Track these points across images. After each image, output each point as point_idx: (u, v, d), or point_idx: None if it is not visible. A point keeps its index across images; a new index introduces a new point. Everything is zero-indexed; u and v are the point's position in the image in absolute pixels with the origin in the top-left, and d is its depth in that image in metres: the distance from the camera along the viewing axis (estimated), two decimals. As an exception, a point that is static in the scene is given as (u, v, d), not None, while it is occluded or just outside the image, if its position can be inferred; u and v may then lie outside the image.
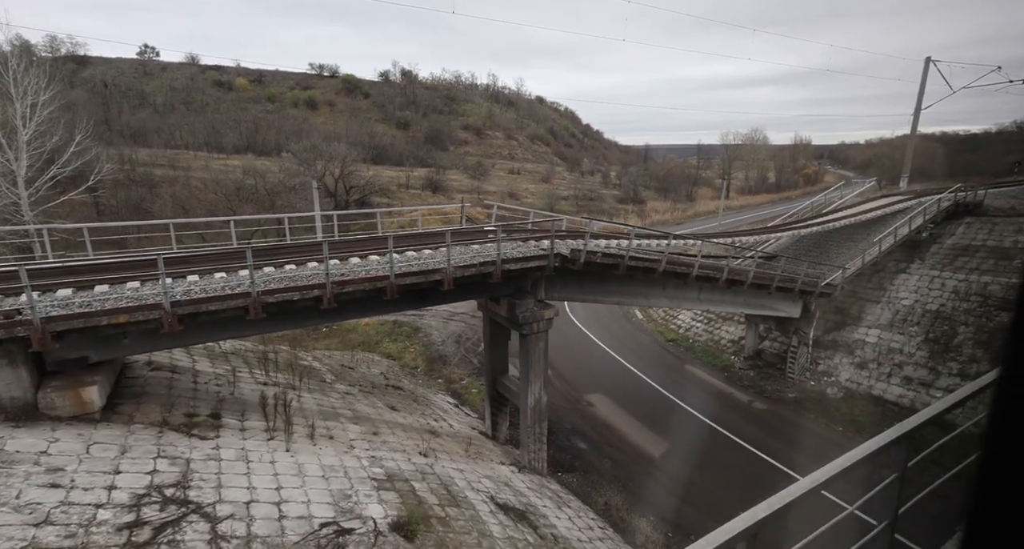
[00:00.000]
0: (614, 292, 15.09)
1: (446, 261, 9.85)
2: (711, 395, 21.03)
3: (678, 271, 14.77)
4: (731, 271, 16.11)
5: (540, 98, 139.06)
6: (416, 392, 16.77)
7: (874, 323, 22.19)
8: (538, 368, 13.35)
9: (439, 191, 63.04)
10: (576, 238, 14.29)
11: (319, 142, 42.56)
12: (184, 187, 31.58)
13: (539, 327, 13.04)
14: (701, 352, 25.39)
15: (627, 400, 20.24)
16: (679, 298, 16.88)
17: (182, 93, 72.37)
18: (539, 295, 13.21)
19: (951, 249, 23.31)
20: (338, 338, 24.22)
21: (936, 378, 19.18)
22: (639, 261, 13.56)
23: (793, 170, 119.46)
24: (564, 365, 23.65)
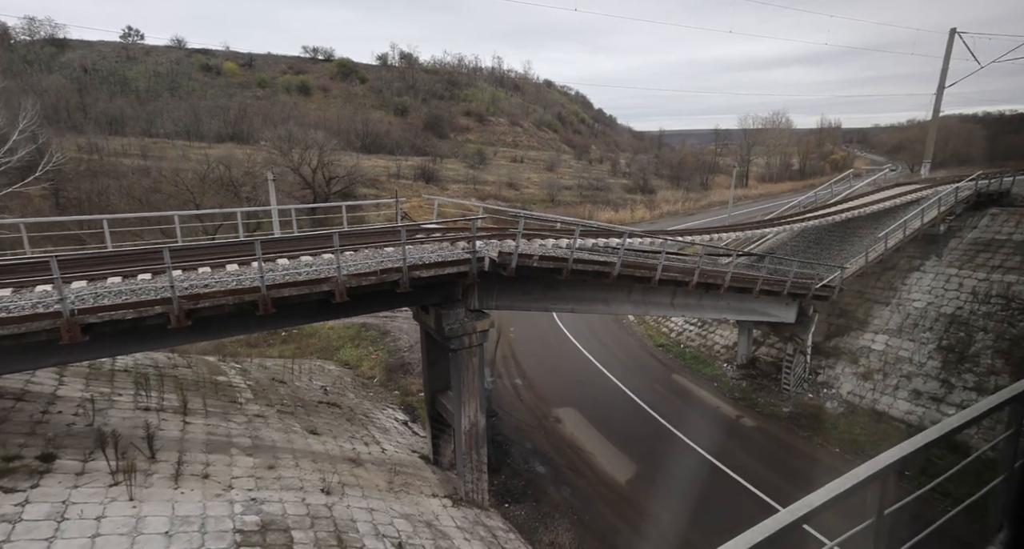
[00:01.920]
0: (567, 298, 13.84)
1: (336, 269, 8.68)
2: (696, 409, 19.70)
3: (638, 275, 13.46)
4: (704, 274, 14.73)
5: (548, 82, 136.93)
6: (357, 409, 15.73)
7: (882, 328, 20.60)
8: (472, 387, 12.18)
9: (432, 181, 61.92)
10: (511, 238, 13.03)
11: (294, 129, 41.54)
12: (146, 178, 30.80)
13: (470, 340, 11.86)
14: (692, 359, 24.00)
15: (600, 415, 19.01)
16: (648, 304, 15.56)
17: (167, 78, 71.61)
18: (471, 303, 12.02)
19: (972, 244, 21.58)
20: (296, 343, 23.32)
21: (949, 392, 17.63)
22: (587, 264, 12.27)
23: (819, 156, 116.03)
24: (536, 373, 22.48)
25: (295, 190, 39.83)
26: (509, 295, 12.80)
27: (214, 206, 27.34)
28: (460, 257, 10.84)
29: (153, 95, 65.70)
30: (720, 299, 17.06)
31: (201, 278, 8.48)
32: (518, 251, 10.92)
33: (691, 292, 16.08)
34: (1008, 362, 17.30)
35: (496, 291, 12.48)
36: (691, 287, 14.50)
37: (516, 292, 12.93)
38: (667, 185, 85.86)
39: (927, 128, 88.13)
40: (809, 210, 22.82)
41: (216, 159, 40.10)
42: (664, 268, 13.90)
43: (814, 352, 21.18)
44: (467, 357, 11.96)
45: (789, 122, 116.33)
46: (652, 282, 13.64)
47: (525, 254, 11.32)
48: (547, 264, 11.66)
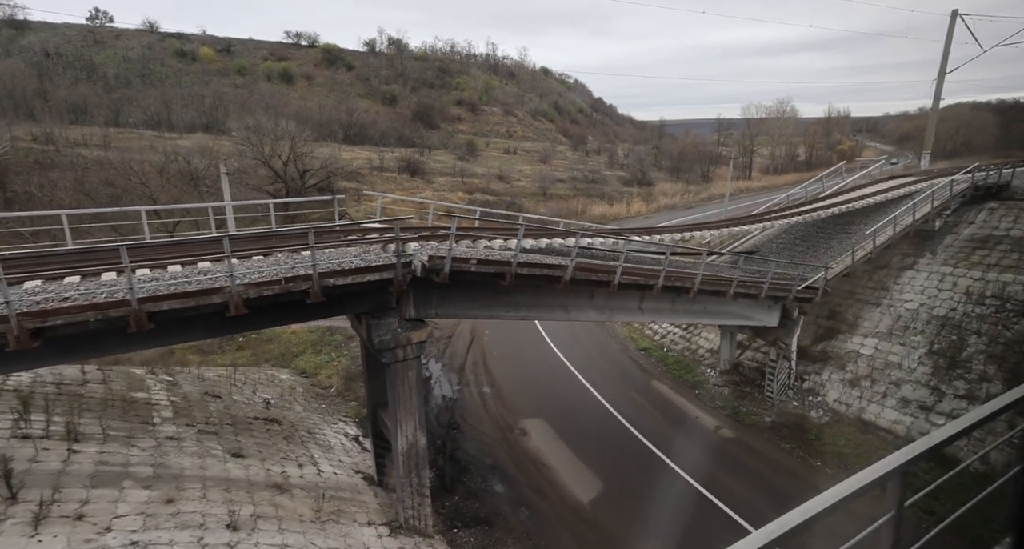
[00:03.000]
0: (519, 305, 13.22)
1: (229, 277, 8.04)
2: (673, 419, 19.12)
3: (594, 279, 12.83)
4: (670, 276, 14.09)
5: (545, 69, 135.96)
6: (301, 424, 15.15)
7: (872, 331, 19.98)
8: (409, 404, 11.59)
9: (418, 175, 61.20)
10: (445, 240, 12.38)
11: (264, 119, 40.78)
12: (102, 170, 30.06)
13: (405, 353, 11.25)
14: (674, 364, 23.40)
15: (570, 427, 18.43)
16: (612, 309, 14.94)
17: (138, 64, 70.18)
18: (407, 312, 11.41)
19: (968, 241, 20.93)
20: (253, 349, 22.74)
21: (938, 400, 17.02)
22: (534, 268, 11.64)
23: (826, 146, 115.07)
24: (507, 380, 21.90)
25: (266, 184, 39.15)
26: (452, 302, 12.18)
27: (171, 201, 26.68)
28: (386, 262, 10.21)
29: (123, 82, 64.42)
30: (694, 302, 16.43)
31: (64, 289, 7.84)
32: (451, 255, 10.29)
33: (660, 296, 15.45)
34: (1001, 368, 16.68)
35: (436, 298, 11.86)
36: (656, 291, 13.87)
37: (460, 298, 12.31)
38: (666, 177, 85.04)
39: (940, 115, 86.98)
40: (794, 206, 22.15)
41: (186, 151, 39.49)
42: (625, 271, 13.27)
43: (801, 357, 20.58)
44: (402, 371, 11.35)
45: (795, 111, 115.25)
46: (611, 287, 13.02)
47: (460, 258, 10.69)
48: (487, 269, 11.03)
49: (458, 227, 14.11)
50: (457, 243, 12.53)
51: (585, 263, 13.26)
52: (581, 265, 12.87)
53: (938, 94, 31.46)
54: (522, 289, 12.98)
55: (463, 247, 12.38)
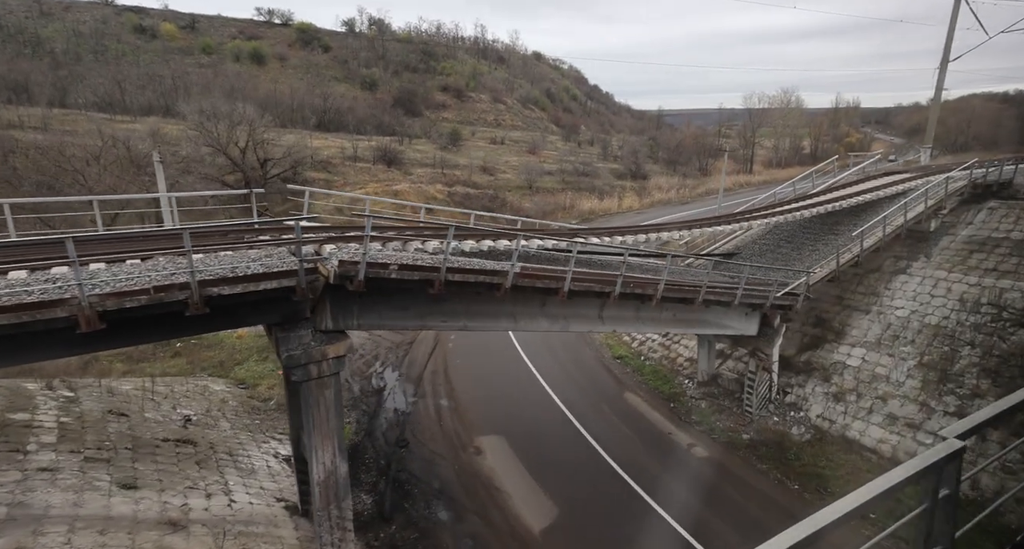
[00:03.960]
0: (458, 313, 12.54)
1: (77, 286, 7.27)
2: (644, 436, 18.53)
3: (540, 286, 12.17)
4: (629, 282, 13.45)
5: (537, 54, 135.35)
6: (223, 445, 14.43)
7: (859, 340, 19.45)
8: (326, 428, 10.90)
9: (395, 165, 60.31)
10: (379, 241, 11.68)
11: (219, 102, 39.79)
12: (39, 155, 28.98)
13: (320, 370, 10.56)
14: (651, 374, 22.82)
15: (530, 445, 17.81)
16: (568, 318, 14.29)
17: (90, 40, 68.43)
18: (323, 323, 10.71)
19: (965, 243, 20.44)
20: (191, 356, 21.97)
21: (927, 417, 16.51)
22: (469, 274, 10.96)
23: (833, 138, 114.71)
24: (467, 391, 21.26)
25: (223, 174, 38.25)
26: (377, 311, 11.49)
27: (108, 191, 25.79)
28: (290, 267, 9.50)
29: (72, 58, 62.73)
30: (661, 310, 15.82)
31: None
32: (366, 259, 9.59)
33: (623, 303, 14.84)
34: (995, 384, 16.17)
35: (358, 307, 11.16)
36: (613, 299, 13.23)
37: (387, 307, 11.62)
38: (663, 170, 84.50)
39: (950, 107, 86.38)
40: (775, 205, 21.57)
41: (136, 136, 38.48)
42: (577, 277, 12.62)
43: (784, 368, 20.04)
44: (317, 390, 10.66)
45: (800, 101, 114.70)
46: (560, 294, 12.37)
47: (379, 263, 9.99)
48: (411, 275, 10.34)
49: (387, 226, 13.44)
50: (384, 245, 11.87)
51: (531, 268, 12.59)
52: (526, 270, 12.20)
53: (940, 84, 30.95)
54: (460, 297, 12.31)
55: (390, 250, 11.69)
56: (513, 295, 12.96)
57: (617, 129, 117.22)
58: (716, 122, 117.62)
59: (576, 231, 15.33)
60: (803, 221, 21.57)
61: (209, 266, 9.27)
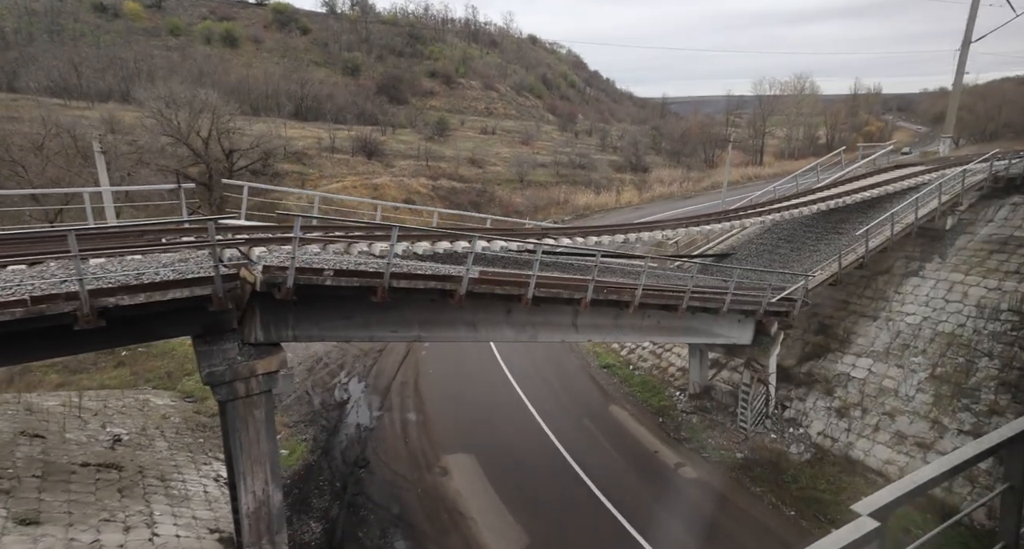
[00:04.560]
0: (410, 322, 11.94)
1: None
2: (628, 455, 17.96)
3: (499, 293, 11.58)
4: (601, 287, 12.87)
5: (533, 37, 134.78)
6: (155, 468, 13.81)
7: (866, 349, 18.91)
8: (255, 453, 10.30)
9: (376, 157, 59.67)
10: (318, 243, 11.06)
11: (178, 87, 39.04)
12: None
13: (248, 388, 9.96)
14: (639, 385, 22.27)
15: (502, 465, 17.24)
16: (536, 326, 13.71)
17: (45, 18, 67.22)
18: (252, 334, 10.11)
19: (984, 243, 19.90)
20: (136, 366, 21.34)
21: (939, 436, 15.97)
22: (417, 280, 10.36)
23: (851, 127, 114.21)
24: (438, 404, 20.70)
25: (185, 166, 37.56)
26: (316, 321, 10.89)
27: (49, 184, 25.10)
28: (207, 273, 8.91)
29: (24, 39, 61.53)
30: (643, 317, 15.25)
31: None
32: (295, 265, 8.98)
33: (600, 310, 14.28)
34: (1015, 399, 15.63)
35: (294, 316, 10.56)
36: (584, 306, 12.65)
37: (329, 315, 11.02)
38: (665, 162, 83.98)
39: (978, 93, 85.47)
40: (776, 201, 21.02)
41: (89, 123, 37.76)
42: (542, 282, 12.03)
43: (783, 379, 19.51)
44: (244, 411, 10.06)
45: (815, 87, 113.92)
46: (523, 301, 11.78)
47: (311, 269, 9.39)
48: (349, 281, 9.73)
49: (329, 226, 12.82)
50: (324, 248, 11.27)
51: (490, 273, 12.01)
52: (485, 275, 11.62)
53: (961, 67, 30.36)
54: (412, 304, 11.71)
55: (330, 253, 11.10)
56: (473, 302, 12.38)
57: (618, 118, 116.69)
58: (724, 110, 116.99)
59: (547, 231, 14.73)
60: (804, 219, 21.03)
61: (110, 272, 8.67)
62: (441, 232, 13.22)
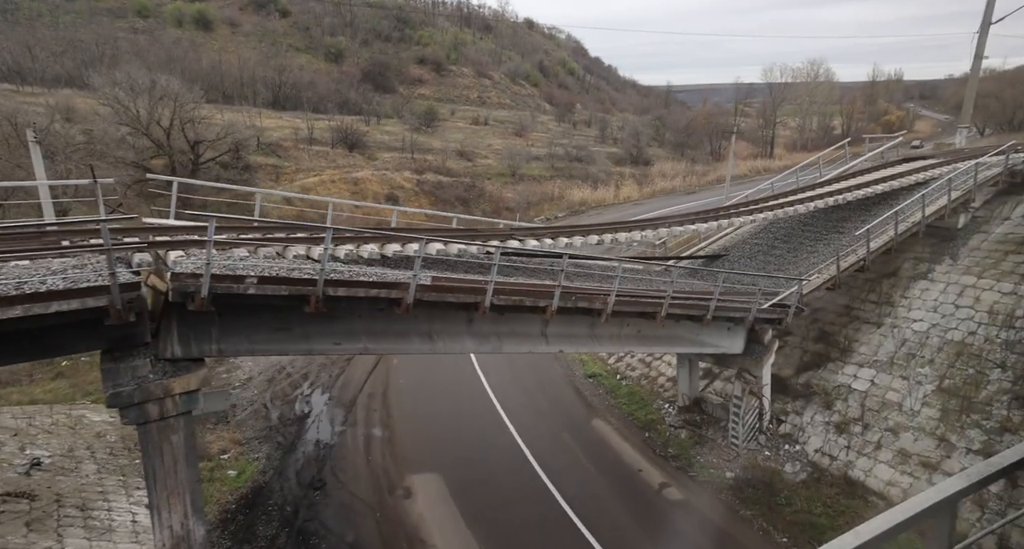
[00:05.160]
0: (355, 333, 11.44)
1: None
2: (609, 474, 17.50)
3: (452, 301, 11.08)
4: (570, 294, 12.38)
5: (530, 21, 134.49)
6: (72, 498, 13.29)
7: (868, 359, 18.44)
8: (173, 482, 9.80)
9: (358, 149, 59.13)
10: (244, 246, 10.53)
11: (136, 73, 38.39)
12: None
13: (163, 410, 9.46)
14: (626, 396, 21.81)
15: (470, 486, 16.76)
16: (501, 337, 13.21)
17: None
18: (167, 349, 9.60)
19: (999, 243, 19.44)
20: (76, 378, 20.84)
21: (946, 455, 15.49)
22: (357, 288, 9.85)
23: (869, 116, 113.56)
24: (406, 418, 20.25)
25: (145, 158, 37.03)
26: (247, 332, 10.38)
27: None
28: (105, 281, 8.39)
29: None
30: (622, 326, 14.78)
31: None
32: (210, 271, 8.48)
33: (572, 318, 13.80)
34: (1029, 414, 15.17)
35: (218, 328, 10.05)
36: (550, 314, 12.16)
37: (261, 327, 10.50)
38: (669, 154, 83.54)
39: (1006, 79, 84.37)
40: (770, 198, 20.50)
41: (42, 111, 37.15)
42: (501, 289, 11.54)
43: (780, 391, 19.06)
44: (159, 436, 9.56)
45: (830, 74, 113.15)
46: (480, 310, 11.29)
47: (229, 275, 8.89)
48: (276, 289, 9.21)
49: (258, 227, 12.30)
50: (255, 251, 10.77)
51: (443, 279, 11.51)
52: (438, 281, 11.12)
53: (980, 50, 29.78)
54: (358, 313, 11.22)
55: (261, 257, 10.60)
56: (428, 311, 11.95)
57: (620, 108, 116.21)
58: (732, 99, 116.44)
59: (514, 232, 14.21)
60: (803, 218, 20.55)
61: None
62: (382, 233, 12.65)
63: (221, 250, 10.13)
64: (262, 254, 10.70)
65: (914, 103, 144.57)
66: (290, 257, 10.85)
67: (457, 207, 55.15)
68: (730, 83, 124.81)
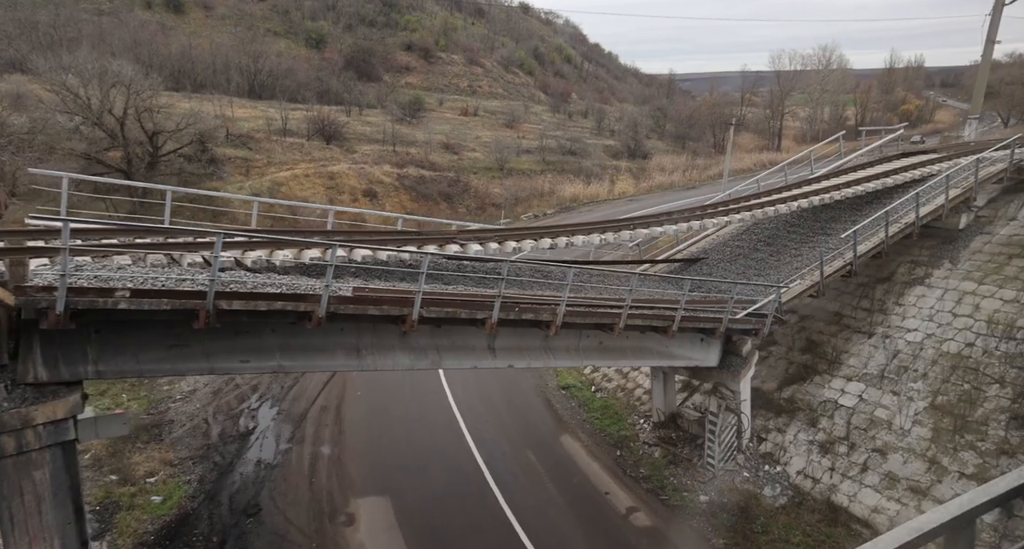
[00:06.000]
0: (268, 349, 10.72)
1: None
2: (574, 496, 16.82)
3: (375, 314, 10.38)
4: (513, 304, 11.68)
5: (525, 5, 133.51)
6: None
7: (858, 372, 17.77)
8: (35, 527, 9.03)
9: (335, 141, 58.40)
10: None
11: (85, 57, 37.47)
12: None
13: (20, 443, 8.70)
14: (600, 410, 21.15)
15: (420, 510, 16.09)
16: (441, 351, 12.52)
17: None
18: (31, 372, 8.88)
19: (1004, 245, 18.77)
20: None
21: (937, 480, 14.82)
22: (258, 300, 9.15)
23: (885, 106, 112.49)
24: (357, 434, 19.64)
25: (99, 150, 36.25)
26: (133, 350, 9.66)
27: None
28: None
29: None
30: (581, 337, 14.12)
31: None
32: (66, 284, 7.78)
33: (523, 330, 13.12)
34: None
35: (96, 346, 9.32)
36: (490, 328, 11.46)
37: (152, 343, 9.78)
38: (669, 147, 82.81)
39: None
40: (750, 197, 19.79)
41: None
42: (432, 300, 10.86)
43: (762, 406, 18.40)
44: (17, 473, 8.81)
45: (844, 61, 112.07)
46: (408, 324, 10.59)
47: (96, 288, 8.20)
48: (156, 304, 8.53)
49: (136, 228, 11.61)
50: (142, 259, 10.07)
51: (367, 289, 10.82)
52: (360, 293, 10.45)
53: (992, 34, 29.02)
54: (270, 326, 10.54)
55: (148, 266, 9.90)
56: (357, 323, 11.32)
57: (620, 97, 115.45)
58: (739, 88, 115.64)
59: (455, 236, 13.50)
60: (789, 218, 19.88)
61: None
62: (287, 239, 11.87)
63: (99, 258, 9.44)
64: (151, 261, 10.00)
65: (935, 91, 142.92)
66: (185, 264, 10.15)
67: (440, 204, 54.46)
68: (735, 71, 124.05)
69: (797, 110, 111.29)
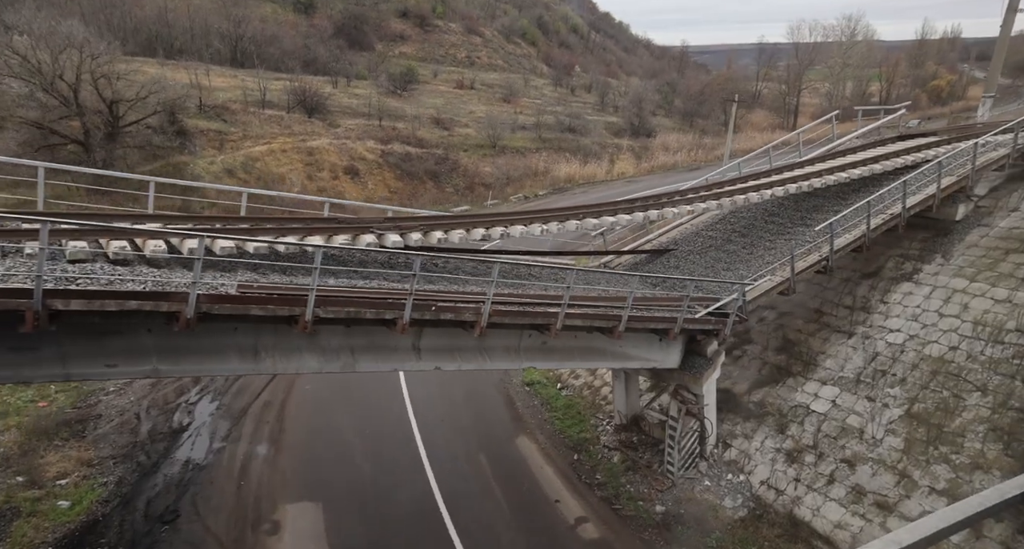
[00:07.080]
0: (144, 351, 10.15)
1: None
2: (522, 505, 16.36)
3: (259, 314, 9.80)
4: (427, 304, 11.08)
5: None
6: None
7: (833, 375, 17.15)
8: None
9: (317, 114, 57.59)
10: None
11: (33, 17, 36.56)
12: None
13: None
14: (563, 409, 20.65)
15: (353, 517, 15.70)
16: (356, 353, 11.96)
17: None
18: None
19: (1002, 238, 18.03)
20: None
21: (906, 495, 14.25)
22: (106, 299, 8.56)
23: (914, 81, 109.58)
24: (298, 433, 19.31)
25: (53, 119, 35.60)
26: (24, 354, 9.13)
27: None
28: None
29: None
30: (523, 336, 13.55)
31: None
32: None
33: (453, 330, 12.54)
34: (1008, 451, 13.85)
35: None
36: (402, 329, 10.86)
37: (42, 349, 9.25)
38: (676, 125, 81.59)
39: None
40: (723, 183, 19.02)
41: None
42: (330, 298, 10.28)
43: (730, 409, 17.85)
44: None
45: (870, 32, 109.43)
46: (301, 324, 10.02)
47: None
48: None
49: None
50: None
51: (253, 285, 10.23)
52: (245, 289, 9.88)
53: (1015, 2, 27.95)
54: (145, 326, 9.98)
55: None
56: (256, 322, 10.73)
57: (628, 71, 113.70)
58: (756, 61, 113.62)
59: (371, 225, 12.84)
60: (768, 206, 19.13)
61: None
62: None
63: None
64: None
65: (969, 65, 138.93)
66: (25, 255, 9.54)
67: (426, 182, 53.76)
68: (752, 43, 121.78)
69: (817, 86, 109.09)
